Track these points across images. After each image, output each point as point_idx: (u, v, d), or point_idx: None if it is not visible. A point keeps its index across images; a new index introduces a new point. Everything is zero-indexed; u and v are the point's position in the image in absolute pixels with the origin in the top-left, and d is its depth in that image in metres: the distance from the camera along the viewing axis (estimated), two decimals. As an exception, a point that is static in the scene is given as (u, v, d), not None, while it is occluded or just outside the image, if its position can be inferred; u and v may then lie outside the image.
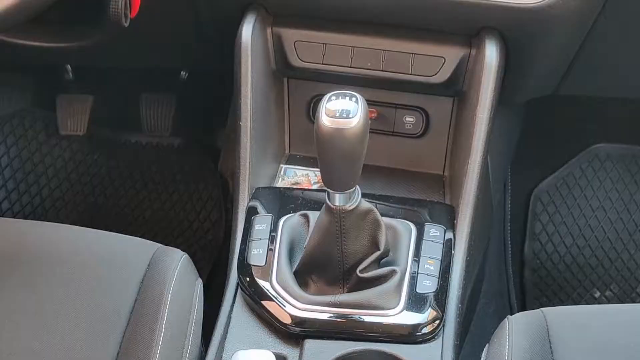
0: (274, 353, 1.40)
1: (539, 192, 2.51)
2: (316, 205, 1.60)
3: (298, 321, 1.44)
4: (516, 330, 1.40)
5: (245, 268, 1.53)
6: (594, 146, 2.55)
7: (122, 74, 2.57)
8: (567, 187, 2.51)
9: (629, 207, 2.47)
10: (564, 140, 2.55)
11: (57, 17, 1.85)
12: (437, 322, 1.46)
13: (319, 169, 1.39)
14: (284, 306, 1.46)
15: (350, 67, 1.75)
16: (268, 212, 1.63)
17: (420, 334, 1.44)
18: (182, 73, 2.66)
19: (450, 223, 1.64)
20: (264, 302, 1.48)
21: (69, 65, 2.66)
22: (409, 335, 1.44)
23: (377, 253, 1.45)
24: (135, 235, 1.58)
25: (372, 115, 1.82)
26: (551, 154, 2.55)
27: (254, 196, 1.69)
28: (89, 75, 2.69)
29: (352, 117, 1.29)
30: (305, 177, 1.83)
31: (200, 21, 1.84)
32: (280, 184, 1.82)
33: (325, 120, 1.29)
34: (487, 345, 1.44)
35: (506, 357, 1.36)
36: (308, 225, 1.55)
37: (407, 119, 1.84)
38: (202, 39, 1.94)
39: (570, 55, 1.81)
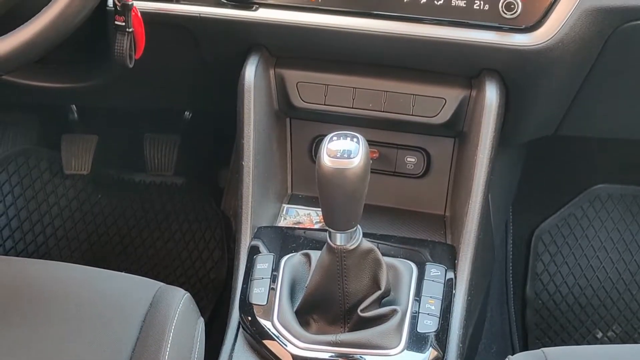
0: (275, 392, 1.40)
1: (540, 232, 2.51)
2: (318, 244, 1.62)
3: (299, 360, 1.45)
4: None
5: (246, 307, 1.54)
6: (595, 186, 2.56)
7: (126, 114, 2.60)
8: (568, 227, 2.52)
9: (630, 248, 2.48)
10: (566, 180, 2.57)
11: (63, 57, 1.87)
12: None
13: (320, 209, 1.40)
14: (286, 345, 1.46)
15: (352, 107, 1.77)
16: (270, 252, 1.64)
17: (421, 373, 1.45)
18: (186, 113, 2.69)
19: (451, 263, 1.64)
20: (266, 341, 1.48)
21: (74, 105, 2.69)
22: (410, 375, 1.44)
23: (378, 292, 1.46)
24: (137, 274, 1.59)
25: (374, 155, 1.84)
26: (552, 194, 2.56)
27: (256, 235, 1.70)
28: (93, 115, 2.71)
29: (354, 157, 1.31)
30: (307, 217, 1.84)
31: (204, 62, 1.86)
32: (282, 223, 1.83)
33: (326, 160, 1.31)
34: None
35: None
36: (310, 265, 1.56)
37: (409, 159, 1.86)
38: (206, 80, 1.96)
39: (570, 97, 1.83)
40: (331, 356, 1.45)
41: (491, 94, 1.67)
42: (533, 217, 2.54)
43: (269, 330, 1.48)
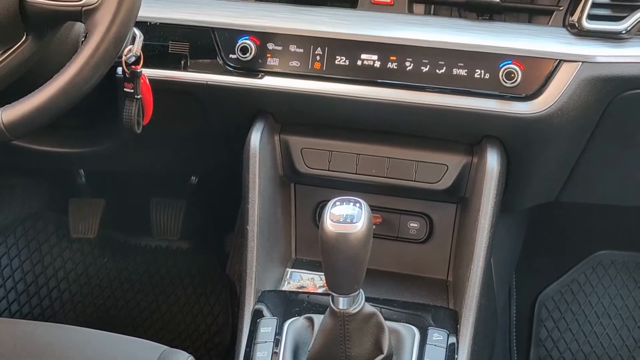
0: None
1: (544, 297, 2.52)
2: (321, 308, 1.62)
3: None
4: None
5: (250, 371, 1.55)
6: (598, 253, 2.57)
7: (133, 178, 2.63)
8: (572, 293, 2.53)
9: (634, 314, 2.48)
10: (568, 246, 2.58)
11: (71, 123, 1.90)
12: None
13: (324, 273, 1.42)
14: (288, 409, 1.47)
15: (356, 173, 1.79)
16: (273, 315, 1.65)
17: None
18: (192, 178, 2.72)
19: (454, 328, 1.65)
20: (268, 405, 1.49)
21: (82, 170, 2.72)
22: None
23: (381, 357, 1.46)
24: (142, 337, 1.59)
25: (377, 220, 1.86)
26: (555, 260, 2.57)
27: (259, 299, 1.71)
28: (101, 179, 2.74)
29: (356, 222, 1.33)
30: (310, 281, 1.85)
31: (211, 128, 1.89)
32: (286, 287, 1.84)
33: (329, 225, 1.33)
34: None
35: None
36: (313, 329, 1.56)
37: (411, 224, 1.88)
38: (212, 146, 1.99)
39: (570, 164, 1.85)
40: None
41: (492, 161, 1.70)
42: (536, 282, 2.54)
43: (272, 393, 1.49)
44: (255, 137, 1.76)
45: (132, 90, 1.58)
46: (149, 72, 1.64)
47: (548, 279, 2.55)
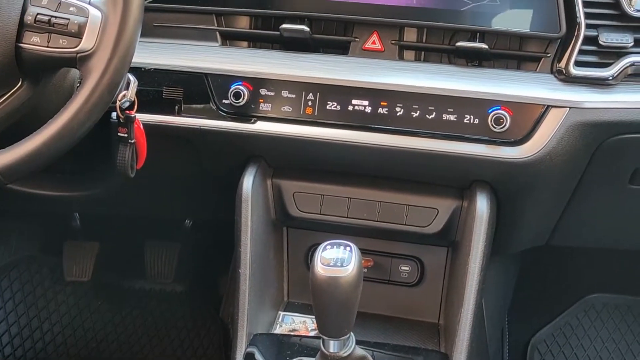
0: None
1: (536, 341, 2.52)
2: (312, 351, 1.63)
3: None
4: None
5: (241, 414, 1.55)
6: (590, 296, 2.58)
7: (127, 222, 2.63)
8: (564, 336, 2.53)
9: (626, 358, 2.48)
10: (560, 289, 2.58)
11: (66, 167, 1.92)
12: None
13: (315, 316, 1.43)
14: None
15: (347, 217, 1.81)
16: (265, 359, 1.65)
17: None
18: (186, 221, 2.72)
19: (444, 371, 1.66)
20: None
21: (76, 213, 2.73)
22: None
23: (371, 400, 1.47)
24: (135, 381, 1.60)
25: (368, 264, 1.87)
26: (547, 303, 2.58)
27: (252, 342, 1.71)
28: (95, 222, 2.75)
29: (347, 265, 1.35)
30: (302, 324, 1.86)
31: (204, 172, 1.91)
32: (278, 330, 1.85)
33: (320, 268, 1.34)
34: None
35: None
36: (304, 372, 1.58)
37: (403, 268, 1.89)
38: (206, 189, 2.00)
39: (559, 208, 1.87)
40: None
41: (482, 205, 1.71)
42: (529, 325, 2.55)
43: None
44: (248, 181, 1.78)
45: (126, 135, 1.59)
46: (142, 117, 1.65)
47: (540, 322, 2.55)
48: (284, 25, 1.73)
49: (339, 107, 1.70)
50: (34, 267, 2.71)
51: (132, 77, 1.57)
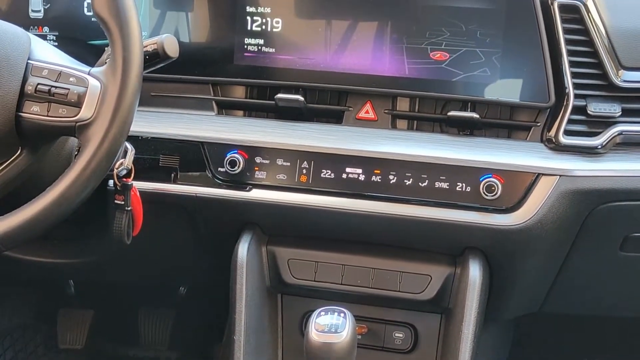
0: None
1: (531, 408, 2.51)
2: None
3: None
4: None
5: None
6: None
7: (122, 288, 2.63)
8: (559, 404, 2.52)
9: None
10: (554, 355, 2.58)
11: (61, 234, 1.92)
12: None
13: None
14: None
15: (341, 284, 1.82)
16: None
17: None
18: (181, 288, 2.73)
19: None
20: None
21: (71, 280, 2.73)
22: None
23: None
24: None
25: (362, 330, 1.88)
26: (542, 370, 2.58)
27: (246, 410, 1.72)
28: (90, 289, 2.75)
29: (341, 332, 1.36)
30: (297, 391, 1.86)
31: (199, 239, 1.92)
32: (272, 397, 1.85)
33: (314, 334, 1.36)
34: None
35: None
36: None
37: (397, 334, 1.89)
38: (201, 256, 2.01)
39: (552, 275, 1.88)
40: None
41: (474, 272, 1.73)
42: None
43: None
44: (243, 249, 1.79)
45: (122, 202, 1.60)
46: (139, 185, 1.67)
47: (535, 389, 2.55)
48: (279, 95, 1.77)
49: (333, 175, 1.72)
50: (28, 334, 2.70)
51: (129, 146, 1.59)
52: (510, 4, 1.67)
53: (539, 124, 1.71)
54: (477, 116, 1.71)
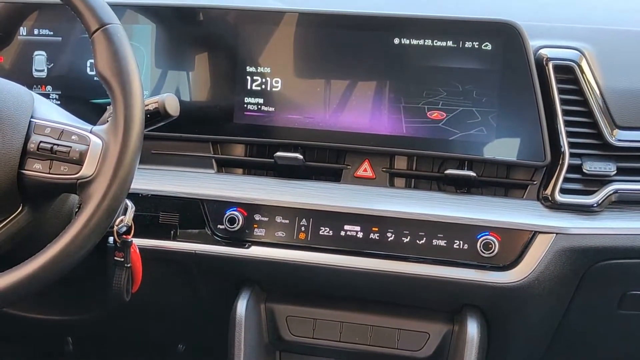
0: None
1: None
2: None
3: None
4: None
5: None
6: None
7: (120, 345, 2.62)
8: None
9: None
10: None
11: (60, 291, 1.92)
12: None
13: None
14: None
15: (339, 341, 1.83)
16: None
17: None
18: (180, 346, 2.71)
19: None
20: None
21: (69, 337, 2.71)
22: None
23: None
24: None
25: (360, 388, 1.88)
26: None
27: None
28: (88, 345, 2.73)
29: (338, 389, 1.36)
30: None
31: (198, 296, 1.92)
32: None
33: (312, 392, 1.36)
34: None
35: None
36: None
37: (396, 391, 1.89)
38: (199, 314, 2.01)
39: (550, 332, 1.88)
40: None
41: (472, 330, 1.73)
42: None
43: None
44: (242, 306, 1.80)
45: (122, 259, 1.61)
46: (139, 242, 1.67)
47: None
48: (278, 153, 1.79)
49: (331, 233, 1.73)
50: (24, 392, 2.68)
51: (129, 203, 1.60)
52: (505, 64, 1.69)
53: (535, 182, 1.73)
54: (474, 174, 1.72)
